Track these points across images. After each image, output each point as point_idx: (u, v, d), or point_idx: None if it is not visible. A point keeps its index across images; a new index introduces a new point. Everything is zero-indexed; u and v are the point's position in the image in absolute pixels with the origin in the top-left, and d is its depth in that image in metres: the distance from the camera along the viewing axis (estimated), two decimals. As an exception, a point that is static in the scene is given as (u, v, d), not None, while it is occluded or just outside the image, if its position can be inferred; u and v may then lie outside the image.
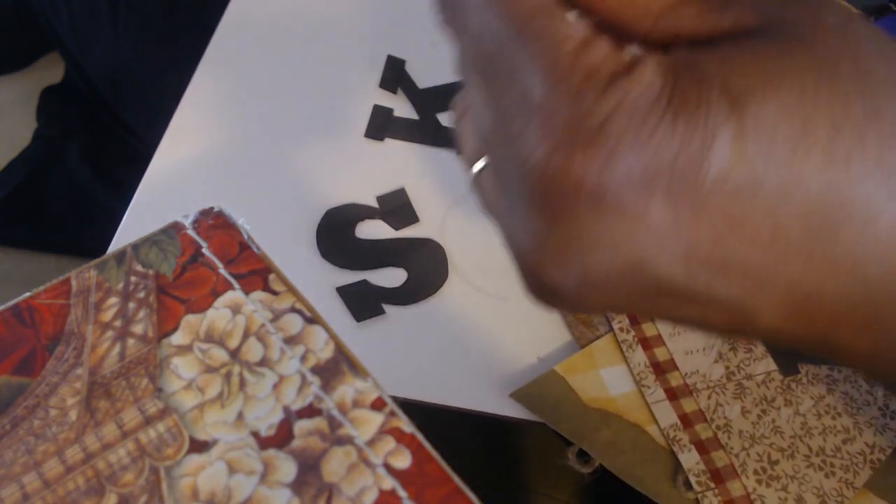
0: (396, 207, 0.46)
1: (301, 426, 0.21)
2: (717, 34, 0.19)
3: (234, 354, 0.23)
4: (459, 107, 0.28)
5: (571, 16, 0.21)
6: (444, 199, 0.47)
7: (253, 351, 0.23)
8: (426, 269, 0.44)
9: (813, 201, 0.18)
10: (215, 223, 0.26)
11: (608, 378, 0.39)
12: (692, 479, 0.36)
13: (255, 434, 0.21)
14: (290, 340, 0.23)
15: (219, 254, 0.25)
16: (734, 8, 0.20)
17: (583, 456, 0.38)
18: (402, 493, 0.20)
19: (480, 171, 0.27)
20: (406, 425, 0.21)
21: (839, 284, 0.19)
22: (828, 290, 0.19)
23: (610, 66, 0.19)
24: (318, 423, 0.21)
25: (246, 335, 0.23)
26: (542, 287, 0.22)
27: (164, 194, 0.46)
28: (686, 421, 0.38)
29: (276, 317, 0.24)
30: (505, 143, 0.20)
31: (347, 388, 0.22)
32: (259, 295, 0.24)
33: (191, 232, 0.26)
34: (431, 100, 0.52)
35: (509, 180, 0.21)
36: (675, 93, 0.18)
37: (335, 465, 0.20)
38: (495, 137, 0.21)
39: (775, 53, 0.18)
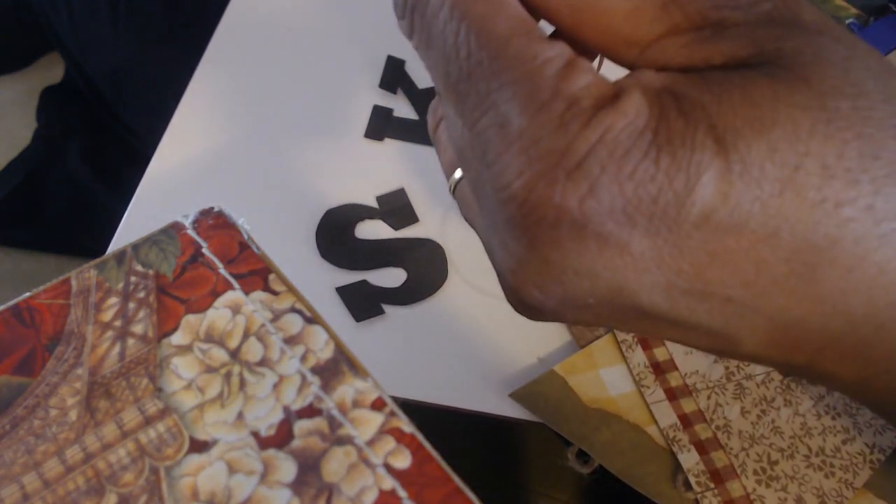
0: (396, 207, 0.46)
1: (301, 426, 0.21)
2: (708, 67, 0.19)
3: (234, 354, 0.23)
4: (434, 115, 0.27)
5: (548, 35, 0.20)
6: (444, 199, 0.47)
7: (253, 351, 0.23)
8: (426, 269, 0.44)
9: (798, 241, 0.17)
10: (215, 223, 0.26)
11: (608, 378, 0.39)
12: (692, 480, 0.36)
13: (255, 434, 0.21)
14: (290, 340, 0.23)
15: (219, 254, 0.25)
16: (727, 39, 0.19)
17: (582, 456, 0.38)
18: (402, 493, 0.20)
19: (458, 181, 0.26)
20: (406, 425, 0.21)
21: (822, 317, 0.18)
22: (810, 322, 0.19)
23: (593, 94, 0.18)
24: (318, 423, 0.21)
25: (246, 335, 0.23)
26: (522, 303, 0.21)
27: (164, 194, 0.46)
28: (686, 421, 0.38)
29: (276, 317, 0.24)
30: (481, 164, 0.20)
31: (347, 388, 0.22)
32: (259, 295, 0.24)
33: (191, 232, 0.26)
34: (431, 100, 0.52)
35: (487, 200, 0.20)
36: (660, 128, 0.18)
37: (335, 465, 0.20)
38: (471, 155, 0.20)
39: (769, 90, 0.17)
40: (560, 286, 0.20)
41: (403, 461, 0.20)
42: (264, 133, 0.50)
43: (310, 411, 0.22)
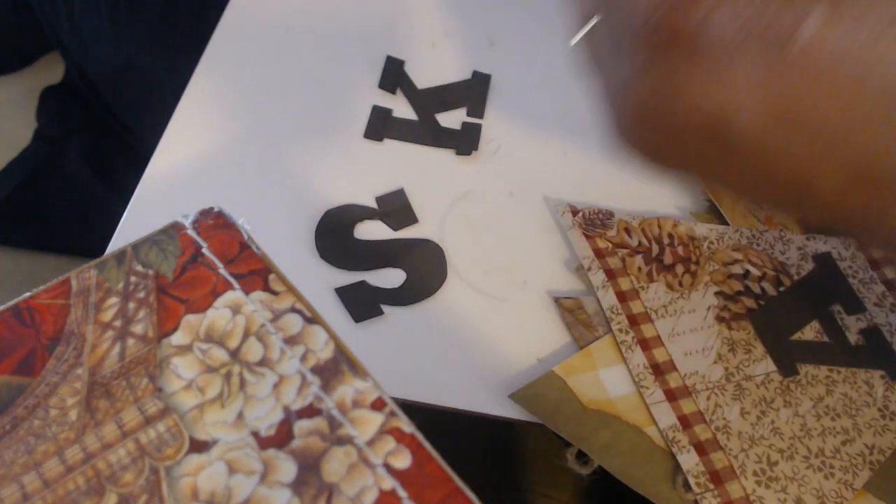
0: (395, 208, 0.46)
1: (301, 426, 0.21)
2: None
3: (234, 354, 0.23)
4: None
5: None
6: (444, 199, 0.47)
7: (253, 351, 0.23)
8: (425, 269, 0.44)
9: (888, 84, 0.20)
10: (215, 223, 0.26)
11: (607, 379, 0.39)
12: (691, 481, 0.36)
13: (255, 434, 0.21)
14: (290, 340, 0.23)
15: (219, 254, 0.25)
16: None
17: (582, 457, 0.38)
18: (402, 493, 0.20)
19: (593, 27, 0.29)
20: (406, 425, 0.21)
21: None
22: (894, 161, 0.21)
23: None
24: (318, 423, 0.21)
25: (246, 335, 0.23)
26: (626, 135, 0.25)
27: (164, 194, 0.46)
28: (685, 422, 0.38)
29: (276, 317, 0.24)
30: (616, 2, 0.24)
31: (347, 388, 0.22)
32: (259, 295, 0.24)
33: (191, 232, 0.26)
34: (430, 100, 0.52)
35: (618, 31, 0.24)
36: None
37: (335, 465, 0.21)
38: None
39: None
40: (668, 110, 0.23)
41: (403, 461, 0.20)
42: (264, 133, 0.50)
43: (310, 411, 0.22)
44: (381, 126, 0.50)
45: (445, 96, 0.52)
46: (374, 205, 0.47)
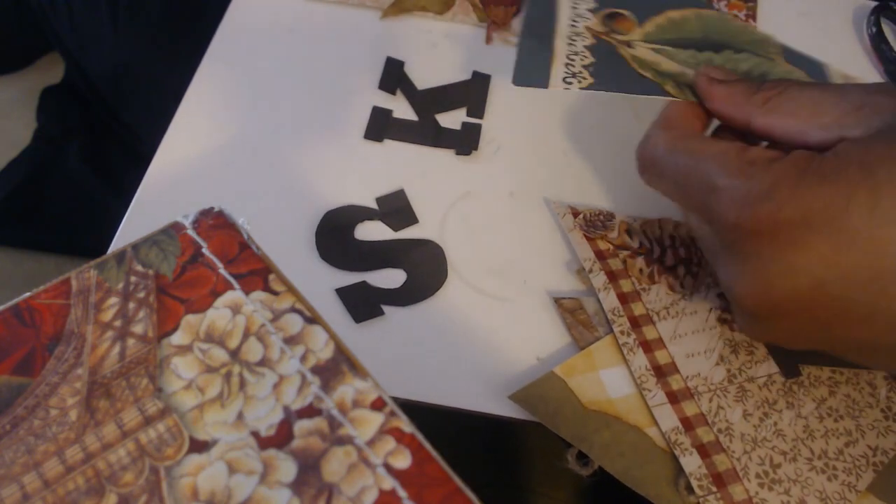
0: (396, 208, 0.46)
1: (301, 426, 0.21)
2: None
3: (234, 354, 0.23)
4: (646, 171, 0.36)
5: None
6: (444, 199, 0.47)
7: (253, 351, 0.23)
8: (426, 270, 0.44)
9: None
10: (215, 223, 0.26)
11: (608, 380, 0.39)
12: (694, 483, 0.36)
13: (255, 434, 0.21)
14: (290, 340, 0.23)
15: (219, 254, 0.25)
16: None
17: (582, 458, 0.37)
18: (402, 493, 0.20)
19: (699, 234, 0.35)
20: (406, 425, 0.21)
21: None
22: None
23: (766, 156, 0.29)
24: (318, 423, 0.21)
25: (246, 335, 0.23)
26: (749, 314, 0.30)
27: (164, 194, 0.46)
28: (687, 424, 0.38)
29: (276, 317, 0.23)
30: (709, 216, 0.30)
31: (347, 388, 0.22)
32: (259, 295, 0.24)
33: (191, 232, 0.26)
34: (430, 101, 0.52)
35: (715, 238, 0.31)
36: (821, 165, 0.27)
37: (335, 465, 0.20)
38: (704, 217, 0.31)
39: None
40: (771, 288, 0.28)
41: (403, 461, 0.20)
42: (264, 134, 0.50)
43: (310, 411, 0.21)
44: (381, 127, 0.50)
45: (445, 97, 0.52)
46: (374, 205, 0.47)
